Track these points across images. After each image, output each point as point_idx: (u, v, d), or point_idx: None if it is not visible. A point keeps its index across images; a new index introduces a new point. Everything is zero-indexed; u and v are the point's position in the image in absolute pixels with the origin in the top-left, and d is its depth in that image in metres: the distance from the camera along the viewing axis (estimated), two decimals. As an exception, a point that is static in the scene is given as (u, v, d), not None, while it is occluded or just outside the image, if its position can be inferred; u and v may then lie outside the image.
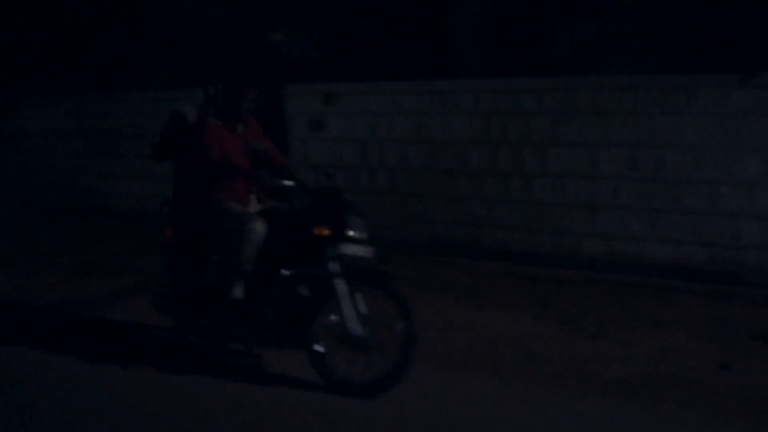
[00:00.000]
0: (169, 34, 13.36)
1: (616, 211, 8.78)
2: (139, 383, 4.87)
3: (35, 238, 10.18)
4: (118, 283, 7.61)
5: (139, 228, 10.97)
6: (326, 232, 4.83)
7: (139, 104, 12.52)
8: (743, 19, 8.22)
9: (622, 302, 7.14)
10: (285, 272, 4.93)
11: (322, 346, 4.85)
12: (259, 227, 4.95)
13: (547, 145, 9.14)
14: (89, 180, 13.35)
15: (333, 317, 4.82)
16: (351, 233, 4.84)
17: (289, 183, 5.03)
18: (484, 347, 5.74)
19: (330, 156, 10.53)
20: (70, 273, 7.99)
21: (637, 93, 8.61)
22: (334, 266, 4.78)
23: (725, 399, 4.87)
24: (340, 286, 4.76)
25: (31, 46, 14.75)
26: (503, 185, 9.39)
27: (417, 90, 10.03)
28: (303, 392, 4.79)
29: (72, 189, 13.62)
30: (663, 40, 10.25)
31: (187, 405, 4.53)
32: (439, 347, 5.68)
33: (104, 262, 8.58)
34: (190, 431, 4.17)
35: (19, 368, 5.09)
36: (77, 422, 4.23)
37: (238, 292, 5.00)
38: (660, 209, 8.55)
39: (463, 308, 6.83)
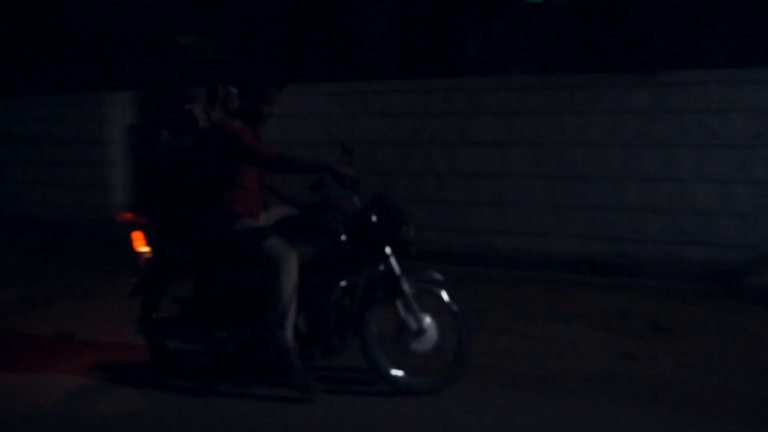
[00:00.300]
0: (82, 37, 13.14)
1: (525, 208, 8.97)
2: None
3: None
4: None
5: (55, 237, 10.81)
6: (391, 238, 4.95)
7: (54, 109, 12.25)
8: (643, 19, 8.47)
9: (527, 297, 7.30)
10: (343, 283, 5.00)
11: (380, 348, 4.99)
12: (295, 262, 4.84)
13: (456, 145, 9.28)
14: (10, 188, 12.96)
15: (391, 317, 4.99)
16: (406, 237, 5.01)
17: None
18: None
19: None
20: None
21: (543, 92, 8.80)
22: (398, 268, 4.95)
23: (625, 388, 5.03)
24: (405, 285, 4.93)
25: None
26: (414, 185, 9.50)
27: (327, 92, 10.07)
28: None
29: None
30: (567, 41, 10.51)
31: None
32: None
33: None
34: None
35: None
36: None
37: (300, 324, 4.99)
38: (566, 205, 8.75)
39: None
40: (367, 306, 5.00)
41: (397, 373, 5.00)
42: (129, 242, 5.28)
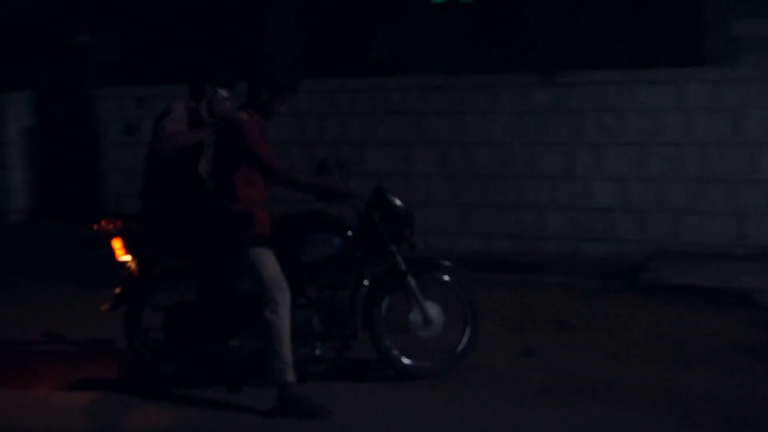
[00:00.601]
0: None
1: (430, 207, 9.07)
2: None
3: None
4: None
5: None
6: (408, 233, 5.17)
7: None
8: (542, 20, 8.67)
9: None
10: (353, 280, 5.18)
11: (389, 340, 5.21)
12: (289, 300, 4.80)
13: (362, 145, 9.33)
14: None
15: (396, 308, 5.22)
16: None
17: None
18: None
19: (145, 160, 10.29)
20: None
21: (447, 92, 8.92)
22: (403, 264, 5.14)
23: (531, 383, 5.16)
24: (411, 280, 5.14)
25: None
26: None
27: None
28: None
29: None
30: (470, 42, 10.67)
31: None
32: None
33: None
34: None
35: None
36: None
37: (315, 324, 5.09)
38: (471, 204, 8.91)
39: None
40: (376, 302, 5.19)
41: (406, 361, 5.24)
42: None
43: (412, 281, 5.16)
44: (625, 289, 7.34)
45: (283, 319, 4.75)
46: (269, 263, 4.81)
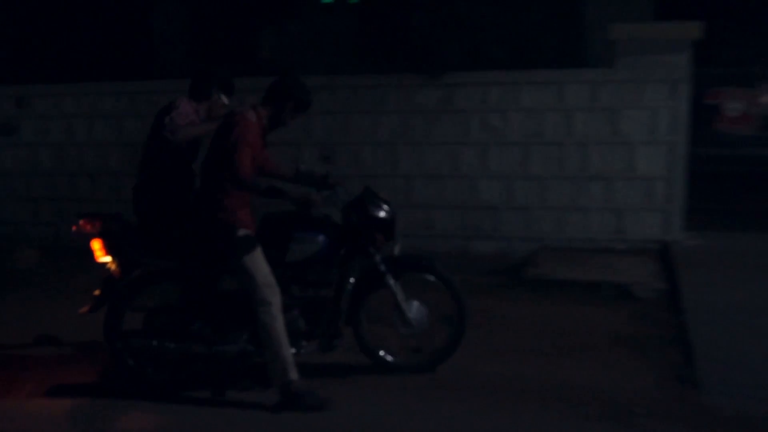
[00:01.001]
0: None
1: (319, 207, 9.06)
2: None
3: None
4: None
5: None
6: (381, 239, 5.22)
7: None
8: (427, 21, 8.78)
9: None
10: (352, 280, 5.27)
11: (375, 339, 5.35)
12: (279, 302, 4.85)
13: (250, 145, 9.25)
14: None
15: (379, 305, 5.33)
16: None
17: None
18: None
19: (24, 162, 10.01)
20: None
21: (334, 92, 8.93)
22: (383, 265, 5.21)
23: (420, 380, 5.29)
24: (390, 280, 5.21)
25: None
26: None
27: (117, 91, 9.76)
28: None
29: None
30: (358, 42, 10.73)
31: None
32: None
33: None
34: None
35: None
36: None
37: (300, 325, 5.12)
38: (359, 203, 8.94)
39: None
40: (359, 301, 5.25)
41: (389, 358, 5.37)
42: None
43: (391, 281, 5.23)
44: (511, 285, 7.52)
45: (278, 319, 4.81)
46: (261, 264, 4.84)
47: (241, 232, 4.86)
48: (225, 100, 5.38)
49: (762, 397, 4.84)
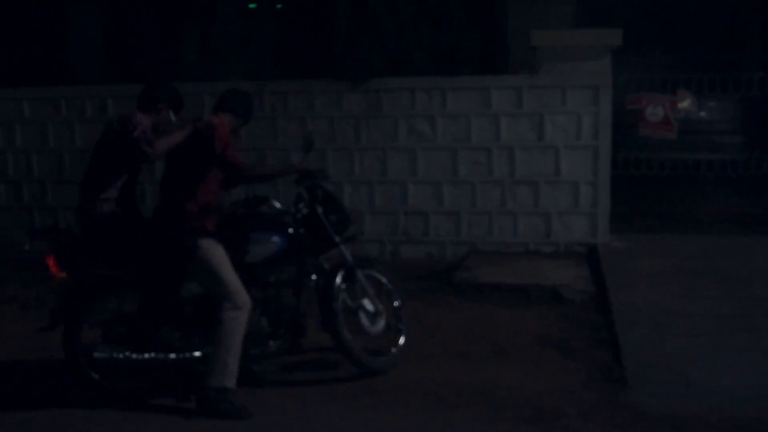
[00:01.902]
0: None
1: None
2: None
3: None
4: None
5: None
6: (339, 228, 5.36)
7: None
8: (350, 27, 8.77)
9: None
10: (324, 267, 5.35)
11: (347, 330, 5.23)
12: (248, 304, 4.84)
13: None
14: None
15: (349, 302, 5.31)
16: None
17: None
18: None
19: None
20: None
21: (261, 98, 8.85)
22: (350, 256, 5.35)
23: (345, 386, 5.27)
24: (360, 274, 5.34)
25: None
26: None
27: (38, 97, 9.52)
28: None
29: None
30: (283, 47, 10.68)
31: None
32: None
33: None
34: None
35: None
36: None
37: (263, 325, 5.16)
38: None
39: None
40: (333, 297, 5.18)
41: (367, 357, 5.31)
42: None
43: (360, 274, 5.33)
44: (440, 289, 7.54)
45: (242, 325, 4.80)
46: (229, 270, 4.85)
47: (207, 239, 4.87)
48: (173, 116, 5.33)
49: (689, 396, 4.96)
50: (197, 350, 5.02)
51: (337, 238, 5.31)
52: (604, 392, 5.14)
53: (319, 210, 5.29)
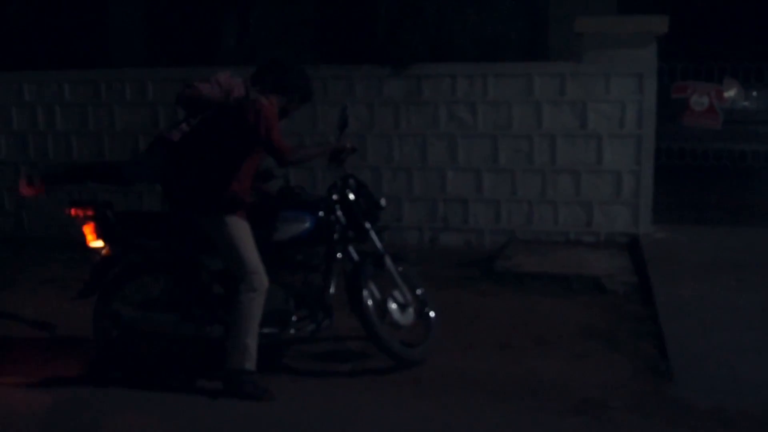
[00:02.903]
0: None
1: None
2: None
3: None
4: None
5: None
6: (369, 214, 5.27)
7: None
8: (393, 12, 8.70)
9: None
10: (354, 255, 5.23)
11: (376, 316, 5.10)
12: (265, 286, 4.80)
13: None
14: None
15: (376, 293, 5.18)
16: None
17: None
18: None
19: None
20: None
21: (301, 83, 8.81)
22: (379, 244, 5.26)
23: (391, 376, 5.19)
24: (389, 261, 5.23)
25: None
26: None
27: (78, 79, 9.56)
28: None
29: None
30: (323, 32, 10.62)
31: None
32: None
33: None
34: None
35: None
36: None
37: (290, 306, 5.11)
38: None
39: None
40: (363, 283, 5.08)
41: (399, 346, 5.16)
42: None
43: (389, 262, 5.23)
44: (481, 277, 7.48)
45: (258, 307, 4.74)
46: (249, 244, 4.80)
47: (234, 217, 4.82)
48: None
49: (737, 391, 4.85)
50: (220, 325, 5.02)
51: (367, 224, 5.22)
52: (650, 385, 5.04)
53: (351, 195, 5.23)
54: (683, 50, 9.23)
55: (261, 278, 4.77)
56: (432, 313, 5.48)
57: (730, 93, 8.50)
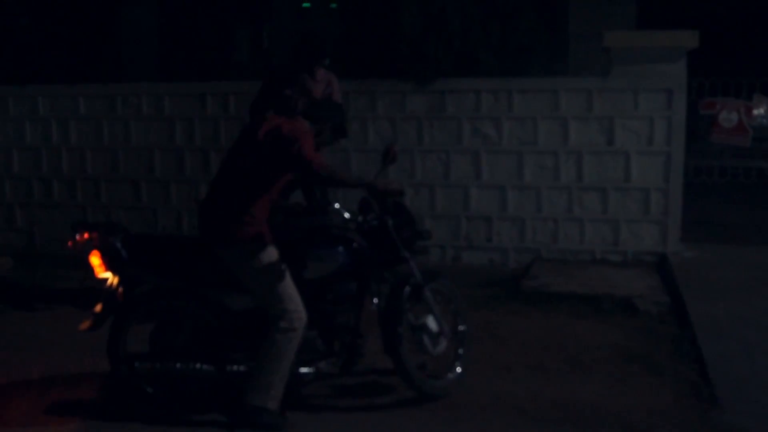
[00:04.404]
0: None
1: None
2: None
3: None
4: None
5: None
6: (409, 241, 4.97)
7: None
8: (416, 27, 8.55)
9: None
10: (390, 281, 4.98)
11: (409, 355, 4.82)
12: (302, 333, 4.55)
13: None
14: None
15: (414, 321, 4.90)
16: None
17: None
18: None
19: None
20: None
21: (321, 98, 8.67)
22: (419, 273, 4.91)
23: (424, 399, 4.99)
24: (427, 292, 4.92)
25: None
26: (190, 193, 9.07)
27: (92, 93, 9.41)
28: None
29: None
30: (342, 46, 10.47)
31: None
32: None
33: None
34: None
35: None
36: None
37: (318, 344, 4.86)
38: (347, 212, 8.69)
39: None
40: (398, 320, 4.80)
41: (430, 382, 4.93)
42: None
43: (428, 293, 4.92)
44: (508, 297, 7.28)
45: (294, 347, 4.49)
46: (291, 288, 4.53)
47: (268, 250, 4.55)
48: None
49: (787, 417, 4.67)
50: (242, 365, 4.74)
51: (406, 254, 4.90)
52: (695, 411, 4.87)
53: (390, 222, 4.87)
54: (710, 66, 9.03)
55: (301, 315, 4.51)
56: (463, 352, 5.22)
57: (760, 110, 8.34)
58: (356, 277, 4.87)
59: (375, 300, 5.00)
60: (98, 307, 4.80)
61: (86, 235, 4.76)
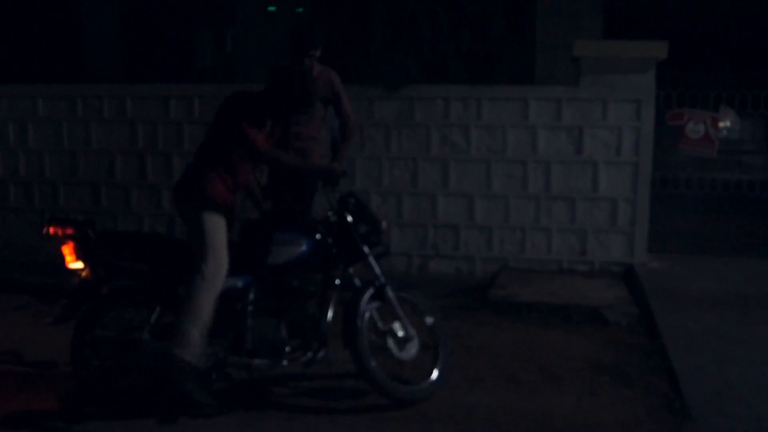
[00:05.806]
0: None
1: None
2: None
3: None
4: None
5: None
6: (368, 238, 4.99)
7: None
8: (385, 33, 8.47)
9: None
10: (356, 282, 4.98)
11: (375, 360, 4.80)
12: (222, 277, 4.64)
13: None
14: None
15: (379, 325, 4.92)
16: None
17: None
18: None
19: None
20: None
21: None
22: (378, 269, 4.97)
23: (393, 410, 4.91)
24: (390, 292, 4.94)
25: None
26: (150, 198, 8.89)
27: (53, 94, 9.16)
28: None
29: None
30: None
31: None
32: None
33: None
34: None
35: None
36: None
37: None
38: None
39: None
40: (357, 313, 4.78)
41: (391, 383, 4.83)
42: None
43: (391, 293, 4.91)
44: (476, 307, 7.19)
45: (209, 294, 4.49)
46: (219, 231, 4.61)
47: (216, 215, 4.66)
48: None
49: (762, 429, 4.63)
50: (208, 351, 4.69)
51: (366, 249, 4.94)
52: (668, 423, 4.83)
53: (349, 218, 4.95)
54: (678, 77, 9.05)
55: (217, 268, 4.55)
56: (441, 350, 5.16)
57: (726, 122, 8.37)
58: (320, 268, 4.90)
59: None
60: (67, 300, 4.81)
61: (60, 229, 4.80)
